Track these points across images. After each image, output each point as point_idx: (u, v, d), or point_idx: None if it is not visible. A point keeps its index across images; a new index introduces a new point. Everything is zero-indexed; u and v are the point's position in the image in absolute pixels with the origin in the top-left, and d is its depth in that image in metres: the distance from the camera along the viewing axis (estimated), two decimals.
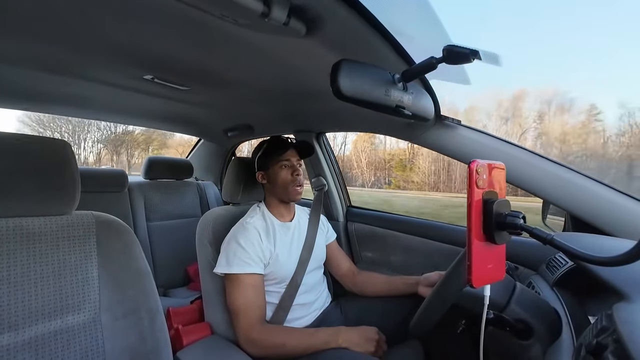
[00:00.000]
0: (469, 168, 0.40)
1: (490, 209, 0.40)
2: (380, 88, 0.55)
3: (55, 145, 0.60)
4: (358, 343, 0.78)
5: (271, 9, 0.51)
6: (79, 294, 0.60)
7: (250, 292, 0.83)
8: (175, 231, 1.68)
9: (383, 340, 0.83)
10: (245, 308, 0.82)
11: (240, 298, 0.83)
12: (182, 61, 0.82)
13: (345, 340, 0.78)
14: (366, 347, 0.78)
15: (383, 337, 0.84)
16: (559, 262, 0.72)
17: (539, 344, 0.54)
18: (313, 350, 0.78)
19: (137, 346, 0.63)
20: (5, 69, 0.88)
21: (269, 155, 0.99)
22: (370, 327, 0.84)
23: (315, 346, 0.78)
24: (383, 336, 0.84)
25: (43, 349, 0.54)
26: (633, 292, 0.43)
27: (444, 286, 0.60)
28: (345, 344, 0.78)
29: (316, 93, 0.97)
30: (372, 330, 0.83)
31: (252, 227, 0.91)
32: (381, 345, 0.82)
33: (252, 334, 0.81)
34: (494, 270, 0.42)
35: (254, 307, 0.83)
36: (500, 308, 0.56)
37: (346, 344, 0.78)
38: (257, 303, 0.84)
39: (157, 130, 5.65)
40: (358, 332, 0.81)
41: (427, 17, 0.63)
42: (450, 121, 0.85)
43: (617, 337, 0.36)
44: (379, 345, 0.81)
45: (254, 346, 0.80)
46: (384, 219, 1.33)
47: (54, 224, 0.60)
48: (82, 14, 0.59)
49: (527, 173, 0.75)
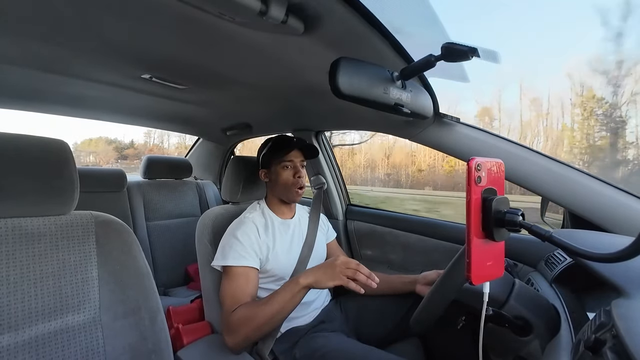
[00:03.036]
0: (468, 166, 0.40)
1: (489, 206, 0.40)
2: (379, 86, 0.55)
3: (54, 145, 0.60)
4: (321, 278, 0.71)
5: (269, 7, 0.50)
6: (79, 294, 0.60)
7: (241, 282, 0.82)
8: (175, 231, 1.68)
9: (355, 263, 0.72)
10: (232, 296, 0.80)
11: (229, 287, 0.81)
12: (180, 60, 0.81)
13: (307, 279, 0.72)
14: (332, 276, 0.70)
15: (353, 261, 0.73)
16: (558, 258, 0.72)
17: (537, 340, 0.54)
18: (286, 309, 0.73)
19: (137, 346, 0.63)
20: (3, 68, 0.88)
21: (273, 154, 0.99)
22: (334, 258, 0.75)
23: (283, 303, 0.73)
24: (353, 261, 0.73)
25: (43, 349, 0.54)
26: (631, 288, 0.43)
27: (444, 283, 0.60)
28: (308, 281, 0.72)
29: (315, 91, 0.97)
30: (334, 259, 0.73)
31: (250, 221, 0.91)
32: (353, 267, 0.71)
33: (227, 320, 0.78)
34: (493, 268, 0.42)
35: (240, 295, 0.80)
36: (500, 304, 0.56)
37: (309, 280, 0.72)
38: (245, 292, 0.81)
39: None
40: (318, 267, 0.75)
41: (425, 14, 0.63)
42: (449, 119, 0.85)
43: (615, 332, 0.36)
44: (350, 269, 0.71)
45: (232, 334, 0.76)
46: (383, 217, 1.33)
47: (53, 224, 0.60)
48: (80, 12, 0.59)
49: (525, 170, 0.76)
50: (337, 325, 0.95)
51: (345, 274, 0.70)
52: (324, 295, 1.03)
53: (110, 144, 19.80)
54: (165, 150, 21.27)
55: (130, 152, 19.21)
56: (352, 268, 0.71)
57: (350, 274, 0.70)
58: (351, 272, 0.70)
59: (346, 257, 0.75)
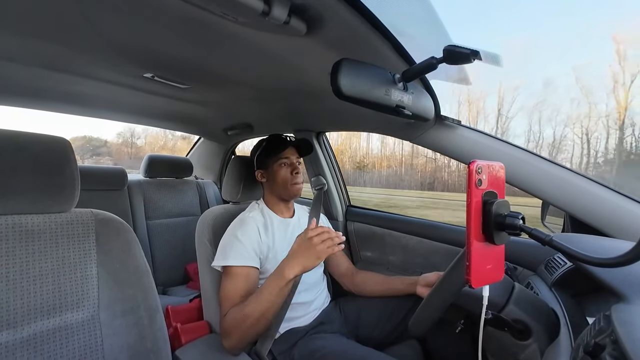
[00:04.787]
0: (469, 168, 0.40)
1: (489, 209, 0.40)
2: (381, 88, 0.55)
3: (56, 143, 0.60)
4: (306, 263, 0.69)
5: (272, 8, 0.51)
6: (78, 292, 0.60)
7: (240, 282, 0.82)
8: (175, 230, 1.68)
9: (324, 230, 0.71)
10: (228, 296, 0.80)
11: (228, 287, 0.81)
12: (182, 59, 0.82)
13: (292, 269, 0.69)
14: (316, 255, 0.69)
15: (319, 228, 0.72)
16: (558, 262, 0.72)
17: (537, 344, 0.54)
18: (275, 304, 0.72)
19: (135, 344, 0.63)
20: (5, 65, 0.88)
21: (268, 153, 0.99)
22: (300, 236, 0.73)
23: (272, 298, 0.71)
24: (319, 228, 0.72)
25: (42, 347, 0.54)
26: (631, 293, 0.43)
27: (443, 286, 0.60)
28: (295, 272, 0.69)
29: (316, 92, 0.97)
30: (303, 237, 0.71)
31: (251, 220, 0.91)
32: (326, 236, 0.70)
33: (221, 323, 0.77)
34: (493, 271, 0.42)
35: (237, 297, 0.80)
36: (499, 308, 0.56)
37: (295, 271, 0.69)
38: (242, 293, 0.80)
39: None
40: (295, 252, 0.71)
41: (428, 17, 0.63)
42: (450, 121, 0.85)
43: (614, 338, 0.36)
44: (325, 240, 0.69)
45: (226, 337, 0.76)
46: (384, 219, 1.33)
47: (53, 221, 0.60)
48: (83, 11, 0.59)
49: (526, 174, 0.75)
50: (336, 327, 0.95)
51: (325, 246, 0.69)
52: (323, 296, 1.03)
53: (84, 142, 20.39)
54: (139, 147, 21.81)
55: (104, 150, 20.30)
56: (326, 237, 0.70)
57: (329, 244, 0.69)
58: (329, 241, 0.70)
59: (312, 229, 0.72)
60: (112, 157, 20.17)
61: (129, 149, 21.37)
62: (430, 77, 0.75)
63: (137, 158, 23.26)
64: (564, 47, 31.40)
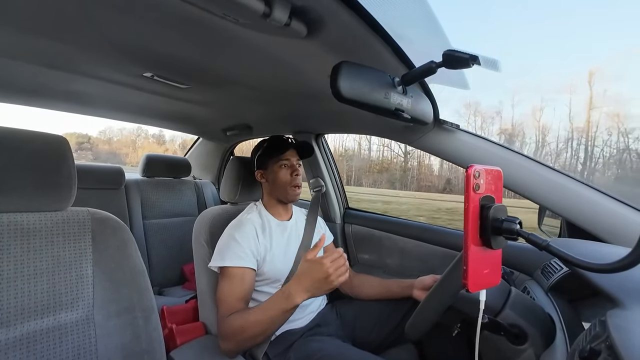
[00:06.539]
0: (467, 173, 0.40)
1: (487, 214, 0.40)
2: (380, 91, 0.55)
3: (53, 141, 0.60)
4: (316, 292, 0.67)
5: (272, 10, 0.51)
6: (73, 292, 0.59)
7: (237, 283, 0.81)
8: (172, 230, 1.67)
9: (341, 256, 0.69)
10: (226, 298, 0.80)
11: (224, 289, 0.81)
12: (182, 59, 0.82)
13: (301, 296, 0.67)
14: (328, 284, 0.66)
15: (336, 253, 0.69)
16: (554, 267, 0.72)
17: (532, 349, 0.54)
18: (278, 323, 0.71)
19: (130, 345, 0.63)
20: (6, 63, 0.88)
21: (268, 154, 0.99)
22: (314, 261, 0.68)
23: (275, 318, 0.70)
24: (336, 252, 0.69)
25: (35, 346, 0.54)
26: (627, 299, 0.43)
27: (440, 289, 0.60)
28: (304, 298, 0.68)
29: (316, 94, 0.97)
30: (320, 264, 0.67)
31: (249, 222, 0.91)
32: (343, 263, 0.68)
33: (221, 326, 0.77)
34: (490, 275, 0.42)
35: (234, 299, 0.79)
36: (495, 312, 0.56)
37: (304, 298, 0.67)
38: (239, 295, 0.80)
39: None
40: (307, 277, 0.68)
41: (427, 21, 0.63)
42: (449, 125, 0.86)
43: (610, 343, 0.36)
44: (340, 267, 0.67)
45: (225, 341, 0.76)
46: (381, 221, 1.33)
47: (49, 220, 0.60)
48: (84, 9, 0.59)
49: (524, 178, 0.76)
50: (333, 330, 0.95)
51: (338, 273, 0.67)
52: (320, 298, 1.03)
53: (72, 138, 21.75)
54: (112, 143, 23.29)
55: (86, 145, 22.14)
56: (342, 263, 0.68)
57: (343, 271, 0.68)
58: (343, 268, 0.68)
59: (329, 255, 0.68)
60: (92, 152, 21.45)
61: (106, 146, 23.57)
62: (429, 81, 0.75)
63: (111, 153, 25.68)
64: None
